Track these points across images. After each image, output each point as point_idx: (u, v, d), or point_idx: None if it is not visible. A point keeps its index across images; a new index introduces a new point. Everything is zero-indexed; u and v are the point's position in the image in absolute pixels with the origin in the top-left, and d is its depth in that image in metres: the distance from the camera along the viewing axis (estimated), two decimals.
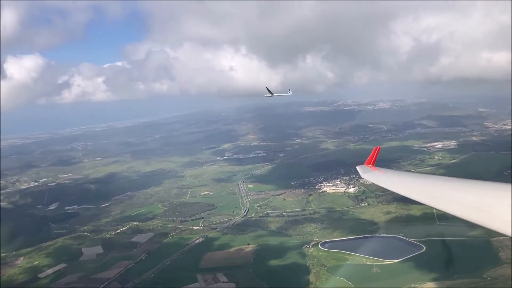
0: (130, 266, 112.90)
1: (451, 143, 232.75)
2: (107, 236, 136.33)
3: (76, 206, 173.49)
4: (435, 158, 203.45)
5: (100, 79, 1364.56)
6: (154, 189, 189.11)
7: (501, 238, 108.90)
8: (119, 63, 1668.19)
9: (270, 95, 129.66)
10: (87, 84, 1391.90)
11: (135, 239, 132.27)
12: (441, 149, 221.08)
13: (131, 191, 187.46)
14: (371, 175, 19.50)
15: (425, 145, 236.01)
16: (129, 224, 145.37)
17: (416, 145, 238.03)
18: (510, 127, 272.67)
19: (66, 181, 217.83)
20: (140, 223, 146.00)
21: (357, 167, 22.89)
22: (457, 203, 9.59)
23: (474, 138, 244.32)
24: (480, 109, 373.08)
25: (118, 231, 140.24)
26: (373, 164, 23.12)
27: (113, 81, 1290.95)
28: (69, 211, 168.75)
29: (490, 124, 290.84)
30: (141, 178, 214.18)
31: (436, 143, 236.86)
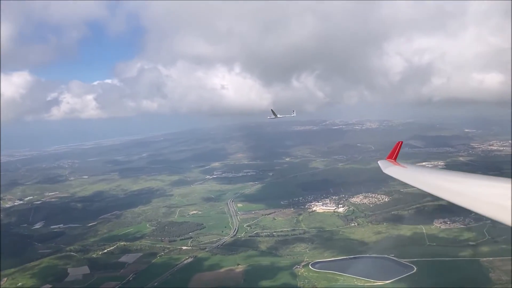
0: (117, 287, 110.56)
1: (439, 163, 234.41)
2: (94, 256, 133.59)
3: (62, 225, 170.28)
4: None
5: (89, 97, 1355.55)
6: (142, 208, 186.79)
7: (490, 258, 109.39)
8: (108, 81, 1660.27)
9: (274, 116, 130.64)
10: (76, 102, 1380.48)
11: (123, 259, 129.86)
12: None
13: (119, 210, 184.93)
14: (392, 170, 19.02)
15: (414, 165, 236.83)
16: (117, 243, 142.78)
17: None
18: (495, 147, 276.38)
19: (52, 200, 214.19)
20: (128, 243, 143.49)
21: (378, 162, 22.33)
22: (483, 202, 9.23)
23: (461, 159, 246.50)
24: (466, 130, 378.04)
25: (105, 251, 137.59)
26: (394, 159, 22.62)
27: (103, 98, 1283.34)
28: (55, 230, 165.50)
29: (476, 144, 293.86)
30: (129, 197, 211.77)
31: (424, 163, 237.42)
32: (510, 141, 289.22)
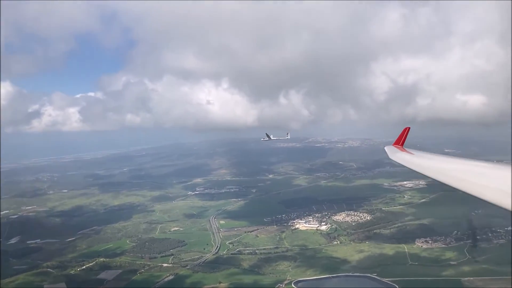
0: None
1: (420, 182, 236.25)
2: (72, 272, 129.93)
3: (39, 240, 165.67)
4: (404, 197, 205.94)
5: (71, 109, 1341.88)
6: (122, 224, 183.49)
7: (471, 278, 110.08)
8: (92, 94, 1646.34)
9: (268, 139, 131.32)
10: (58, 114, 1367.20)
11: (102, 275, 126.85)
12: (411, 188, 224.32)
13: (98, 225, 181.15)
14: (399, 156, 18.63)
15: (395, 183, 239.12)
16: (96, 260, 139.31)
17: (386, 184, 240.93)
18: None
19: (30, 214, 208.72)
20: (107, 259, 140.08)
21: (385, 148, 21.82)
22: (492, 189, 9.00)
23: None
24: (446, 150, 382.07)
25: (84, 267, 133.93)
26: (401, 145, 22.18)
27: (85, 111, 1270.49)
28: (32, 245, 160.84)
29: None
30: (109, 212, 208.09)
31: (405, 182, 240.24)
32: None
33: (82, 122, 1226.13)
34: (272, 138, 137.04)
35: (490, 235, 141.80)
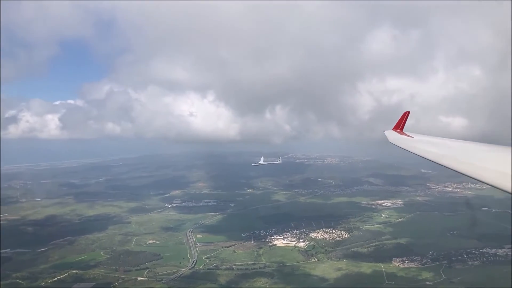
0: None
1: (397, 202, 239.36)
2: (43, 284, 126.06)
3: (9, 250, 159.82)
4: (382, 216, 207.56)
5: (49, 116, 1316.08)
6: (97, 235, 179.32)
7: None
8: (71, 101, 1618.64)
9: (258, 164, 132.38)
10: (36, 120, 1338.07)
11: None
12: (388, 207, 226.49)
13: (72, 235, 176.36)
14: (398, 140, 18.32)
15: (373, 202, 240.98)
16: (68, 271, 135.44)
17: (364, 202, 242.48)
18: (450, 189, 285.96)
19: (0, 222, 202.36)
20: (80, 271, 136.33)
21: (384, 132, 21.49)
22: (490, 170, 8.68)
23: (418, 198, 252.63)
24: (423, 170, 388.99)
25: (55, 279, 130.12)
26: (401, 129, 21.92)
27: (64, 119, 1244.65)
28: (2, 255, 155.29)
29: (433, 185, 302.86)
30: (84, 222, 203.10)
31: (383, 201, 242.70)
32: (463, 184, 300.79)
33: (60, 129, 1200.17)
34: (262, 162, 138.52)
35: (465, 256, 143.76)
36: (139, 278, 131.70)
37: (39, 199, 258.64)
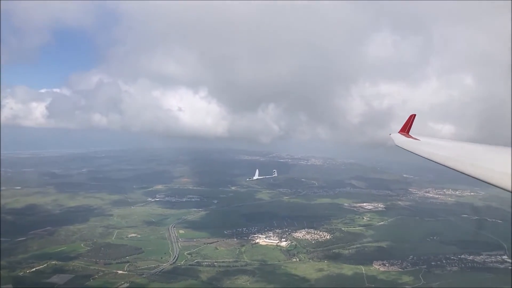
0: None
1: (379, 205, 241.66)
2: (21, 274, 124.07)
3: None
4: (364, 218, 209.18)
5: (34, 104, 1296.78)
6: (78, 226, 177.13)
7: None
8: (57, 90, 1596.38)
9: (253, 179, 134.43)
10: (20, 108, 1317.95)
11: (53, 279, 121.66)
12: (370, 210, 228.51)
13: (52, 226, 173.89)
14: (406, 143, 18.46)
15: (355, 204, 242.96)
16: (47, 262, 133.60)
17: (346, 204, 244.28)
18: (431, 195, 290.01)
19: None
20: (60, 262, 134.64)
21: (391, 135, 21.61)
22: (497, 172, 8.85)
23: (400, 203, 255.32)
24: (405, 175, 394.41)
25: (34, 269, 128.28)
26: (407, 132, 22.06)
27: (48, 107, 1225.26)
28: None
29: (414, 190, 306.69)
30: (65, 213, 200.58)
31: (365, 204, 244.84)
32: (444, 190, 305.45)
33: (44, 118, 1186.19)
34: (257, 177, 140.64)
35: (444, 261, 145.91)
36: (120, 272, 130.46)
37: (19, 187, 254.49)
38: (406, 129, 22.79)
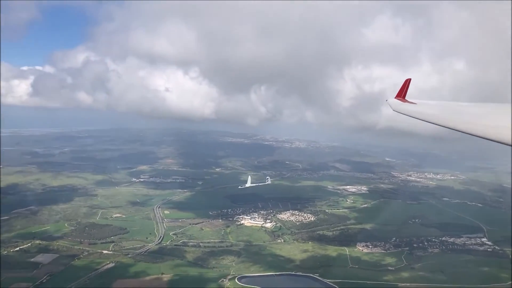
0: None
1: (362, 188, 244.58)
2: (4, 253, 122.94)
3: None
4: (347, 201, 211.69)
5: (15, 82, 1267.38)
6: (62, 206, 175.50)
7: (408, 284, 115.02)
8: (39, 67, 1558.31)
9: (245, 187, 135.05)
10: (2, 85, 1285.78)
11: (37, 259, 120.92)
12: (353, 193, 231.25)
13: (35, 205, 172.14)
14: (402, 108, 18.34)
15: (339, 187, 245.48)
16: (31, 241, 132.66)
17: (330, 187, 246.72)
18: (413, 178, 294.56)
19: None
20: (44, 242, 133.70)
21: (387, 101, 21.42)
22: (494, 127, 8.96)
23: (382, 186, 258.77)
24: (387, 159, 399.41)
25: (17, 248, 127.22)
26: (403, 97, 21.94)
27: (31, 85, 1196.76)
28: None
29: (396, 173, 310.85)
30: (48, 193, 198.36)
31: (348, 187, 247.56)
32: (425, 174, 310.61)
33: (26, 96, 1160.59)
34: (249, 185, 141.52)
35: (425, 243, 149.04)
36: (105, 251, 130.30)
37: (0, 166, 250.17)
38: (402, 94, 22.45)
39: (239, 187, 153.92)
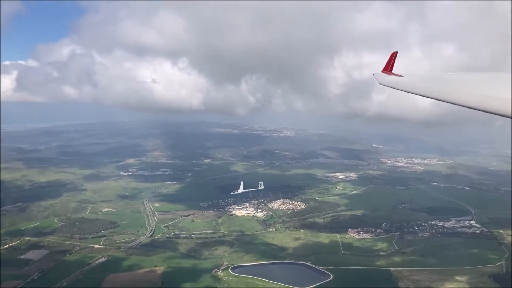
0: (19, 286, 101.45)
1: (352, 175, 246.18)
2: None
3: None
4: (337, 188, 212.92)
5: None
6: (50, 202, 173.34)
7: (399, 268, 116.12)
8: (22, 62, 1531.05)
9: (238, 192, 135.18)
10: None
11: (27, 256, 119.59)
12: (343, 180, 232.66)
13: (23, 202, 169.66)
14: (388, 80, 17.88)
15: (328, 174, 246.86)
16: (21, 238, 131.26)
17: (320, 174, 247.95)
18: (401, 164, 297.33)
19: None
20: (34, 238, 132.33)
21: (374, 75, 21.00)
22: (493, 98, 8.10)
23: (371, 172, 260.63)
24: (375, 145, 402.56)
25: (7, 246, 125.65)
26: (390, 70, 21.55)
27: (13, 80, 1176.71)
28: None
29: (384, 159, 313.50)
30: (35, 189, 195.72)
31: (338, 174, 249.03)
32: (413, 159, 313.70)
33: (9, 91, 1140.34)
34: (242, 191, 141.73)
35: (415, 228, 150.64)
36: (96, 246, 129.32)
37: None
38: (388, 68, 21.96)
39: (231, 193, 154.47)
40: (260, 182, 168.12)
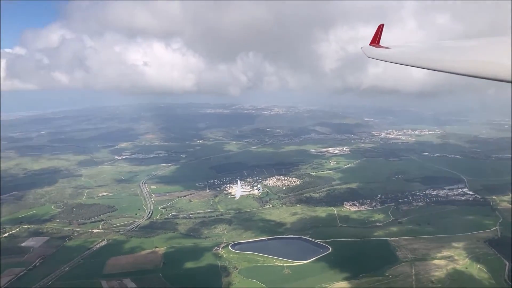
0: (22, 273, 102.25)
1: (344, 149, 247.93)
2: None
3: None
4: (331, 162, 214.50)
5: None
6: (46, 189, 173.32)
7: (397, 238, 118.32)
8: (8, 50, 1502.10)
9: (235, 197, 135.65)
10: None
11: (27, 243, 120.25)
12: (336, 154, 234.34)
13: (19, 190, 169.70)
14: (376, 53, 17.98)
15: (321, 150, 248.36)
16: (20, 226, 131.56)
17: (313, 150, 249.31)
18: (392, 136, 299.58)
19: None
20: (33, 226, 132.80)
21: (361, 48, 21.09)
22: (486, 63, 7.85)
23: (363, 145, 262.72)
24: (365, 119, 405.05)
25: (6, 234, 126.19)
26: (377, 43, 21.77)
27: (2, 68, 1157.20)
28: None
29: (376, 132, 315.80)
30: (30, 177, 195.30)
31: (330, 149, 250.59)
32: (404, 131, 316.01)
33: None
34: (243, 193, 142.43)
35: (410, 198, 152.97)
36: (95, 230, 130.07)
37: None
38: (376, 40, 21.98)
39: (229, 196, 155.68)
40: (258, 186, 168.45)
